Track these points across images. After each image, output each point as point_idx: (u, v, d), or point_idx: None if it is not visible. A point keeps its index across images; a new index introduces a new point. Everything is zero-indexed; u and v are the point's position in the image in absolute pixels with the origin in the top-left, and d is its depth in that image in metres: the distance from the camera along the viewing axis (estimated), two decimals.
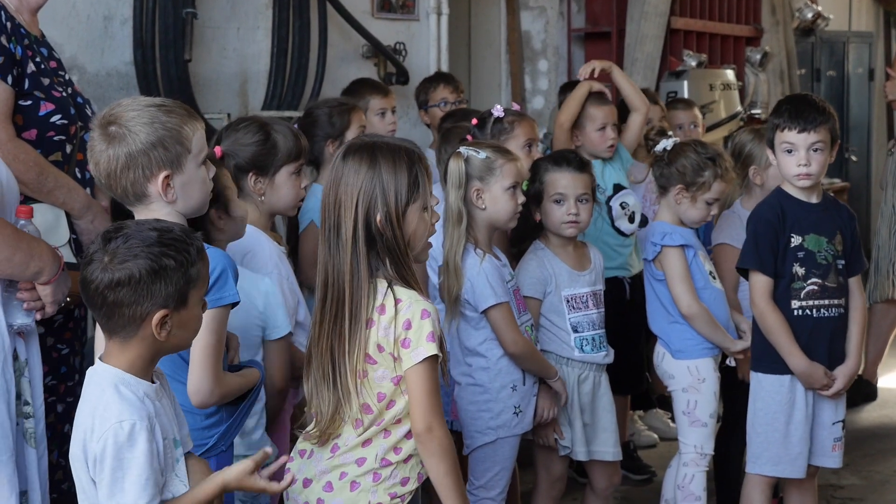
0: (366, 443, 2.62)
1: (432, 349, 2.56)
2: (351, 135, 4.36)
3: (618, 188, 4.76)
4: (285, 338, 3.22)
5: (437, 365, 2.59)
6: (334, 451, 2.65)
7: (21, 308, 2.83)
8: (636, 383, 4.92)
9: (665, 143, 4.21)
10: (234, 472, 2.33)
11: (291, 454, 2.73)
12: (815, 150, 3.75)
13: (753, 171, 4.48)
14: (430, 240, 2.73)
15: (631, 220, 4.70)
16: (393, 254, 2.59)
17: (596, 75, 4.99)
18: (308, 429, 2.69)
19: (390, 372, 2.59)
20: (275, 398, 3.19)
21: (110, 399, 2.22)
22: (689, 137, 5.23)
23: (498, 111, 4.30)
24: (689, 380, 4.07)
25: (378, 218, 2.58)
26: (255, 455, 2.35)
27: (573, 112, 4.85)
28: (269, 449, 2.38)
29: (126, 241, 2.24)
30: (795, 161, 3.75)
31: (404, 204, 2.61)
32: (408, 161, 2.63)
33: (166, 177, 2.58)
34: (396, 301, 2.57)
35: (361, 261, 2.58)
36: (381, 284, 2.59)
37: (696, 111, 5.95)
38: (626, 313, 4.61)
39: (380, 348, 2.59)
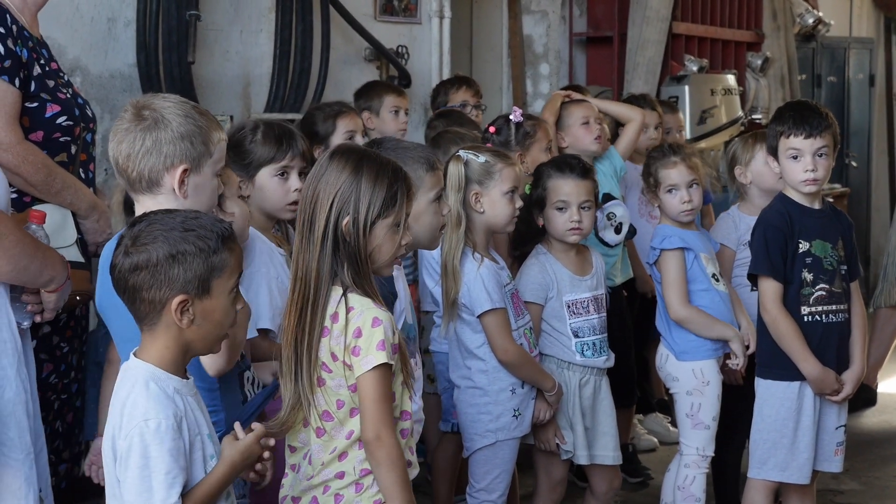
0: (342, 456, 2.61)
1: (382, 357, 2.54)
2: (336, 140, 4.36)
3: (607, 198, 4.75)
4: None
5: (390, 373, 2.57)
6: (311, 462, 2.64)
7: (22, 309, 2.85)
8: (628, 394, 4.90)
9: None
10: (238, 448, 2.36)
11: (286, 469, 2.73)
12: (821, 156, 3.77)
13: (739, 171, 4.53)
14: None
15: (618, 231, 4.70)
16: (352, 260, 2.59)
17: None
18: (271, 420, 2.68)
19: (344, 380, 2.58)
20: None
21: (138, 396, 2.23)
22: (673, 141, 5.32)
23: (517, 116, 4.31)
24: (694, 382, 4.08)
25: (345, 222, 2.58)
26: (254, 433, 2.41)
27: (555, 108, 4.95)
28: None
29: (149, 225, 2.25)
30: (802, 167, 3.76)
31: (375, 216, 2.61)
32: (391, 177, 2.64)
33: (184, 171, 2.60)
34: (348, 309, 2.57)
35: (326, 261, 2.59)
36: (336, 292, 2.59)
37: (681, 115, 5.99)
38: (609, 324, 4.59)
39: (333, 357, 2.58)
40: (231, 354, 2.67)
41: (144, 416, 2.20)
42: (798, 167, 3.78)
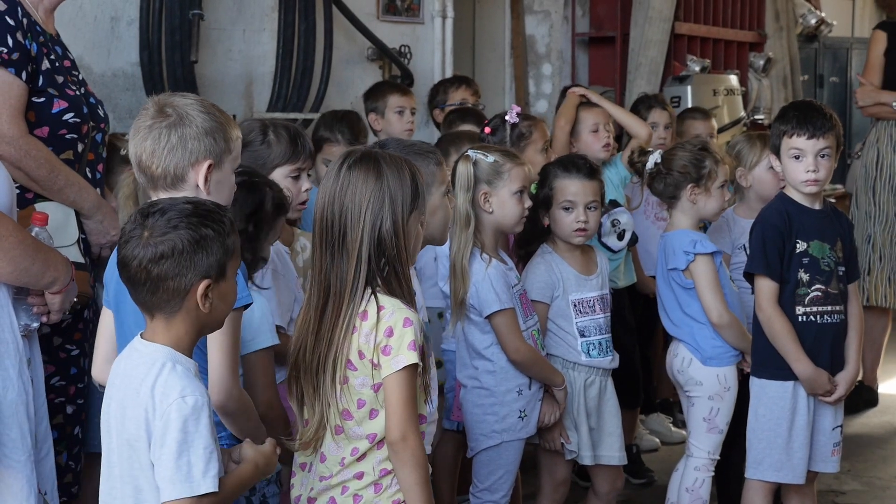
0: (361, 458, 2.61)
1: (413, 358, 2.53)
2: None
3: (613, 204, 4.73)
4: (258, 354, 2.95)
5: (416, 374, 2.57)
6: (323, 461, 2.63)
7: (27, 310, 2.85)
8: (633, 395, 4.90)
9: (654, 158, 4.21)
10: (261, 451, 2.40)
11: (293, 469, 2.73)
12: (823, 156, 3.77)
13: (740, 173, 4.51)
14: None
15: (620, 237, 4.70)
16: (393, 264, 2.58)
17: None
18: (297, 443, 2.68)
19: (370, 379, 2.56)
20: (266, 426, 2.85)
21: (169, 376, 2.24)
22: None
23: (513, 117, 4.30)
24: (717, 388, 4.07)
25: (386, 226, 2.56)
26: (269, 441, 2.45)
27: (570, 115, 4.92)
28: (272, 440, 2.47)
29: (164, 214, 2.26)
30: (804, 167, 3.77)
31: (408, 214, 2.61)
32: (410, 172, 2.64)
33: (209, 166, 2.63)
34: (379, 308, 2.55)
35: (363, 270, 2.57)
36: (366, 292, 2.58)
37: (713, 122, 5.92)
38: (612, 326, 4.57)
39: (360, 355, 2.56)
40: (240, 409, 2.65)
41: (181, 393, 2.22)
42: (800, 167, 3.78)
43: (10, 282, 2.75)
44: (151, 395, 2.24)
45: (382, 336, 2.54)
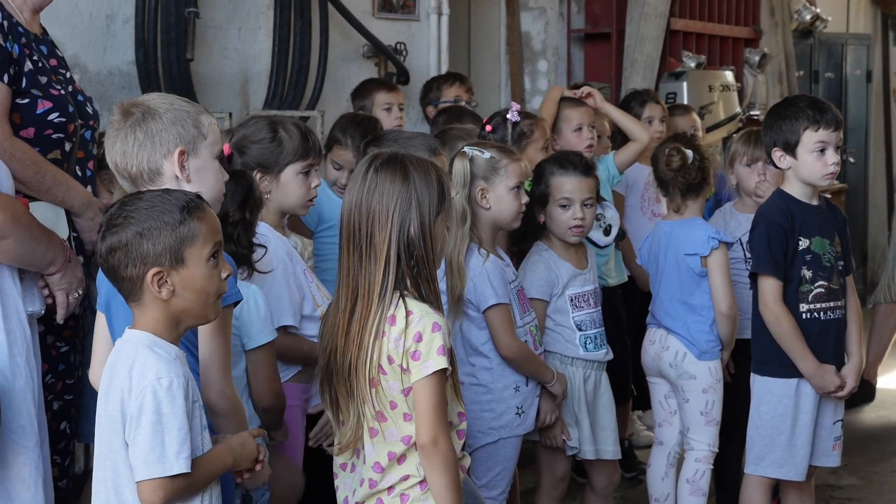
0: (400, 459, 2.61)
1: (442, 362, 2.54)
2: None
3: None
4: (263, 348, 3.08)
5: (446, 378, 2.57)
6: (365, 462, 2.64)
7: (34, 295, 2.88)
8: (623, 390, 4.91)
9: (690, 153, 4.12)
10: (240, 435, 2.46)
11: (335, 470, 2.74)
12: (838, 148, 3.76)
13: (729, 171, 4.53)
14: None
15: (606, 232, 4.69)
16: (421, 267, 2.58)
17: (582, 95, 5.02)
18: (330, 445, 2.71)
19: (399, 384, 2.58)
20: (265, 415, 3.10)
21: (147, 358, 2.30)
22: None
23: (514, 116, 4.30)
24: (710, 381, 4.11)
25: (413, 229, 2.57)
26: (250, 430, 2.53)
27: (551, 112, 4.88)
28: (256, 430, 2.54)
29: (119, 208, 2.35)
30: (829, 159, 3.72)
31: (434, 216, 2.61)
32: (436, 174, 2.65)
33: (182, 152, 2.64)
34: (408, 313, 2.56)
35: (391, 273, 2.57)
36: (394, 295, 2.58)
37: (695, 115, 5.94)
38: (605, 323, 4.55)
39: (390, 359, 2.57)
40: (232, 409, 2.64)
41: (157, 374, 2.27)
42: (824, 160, 3.72)
43: (17, 264, 2.79)
44: (129, 376, 2.29)
45: (411, 341, 2.55)
